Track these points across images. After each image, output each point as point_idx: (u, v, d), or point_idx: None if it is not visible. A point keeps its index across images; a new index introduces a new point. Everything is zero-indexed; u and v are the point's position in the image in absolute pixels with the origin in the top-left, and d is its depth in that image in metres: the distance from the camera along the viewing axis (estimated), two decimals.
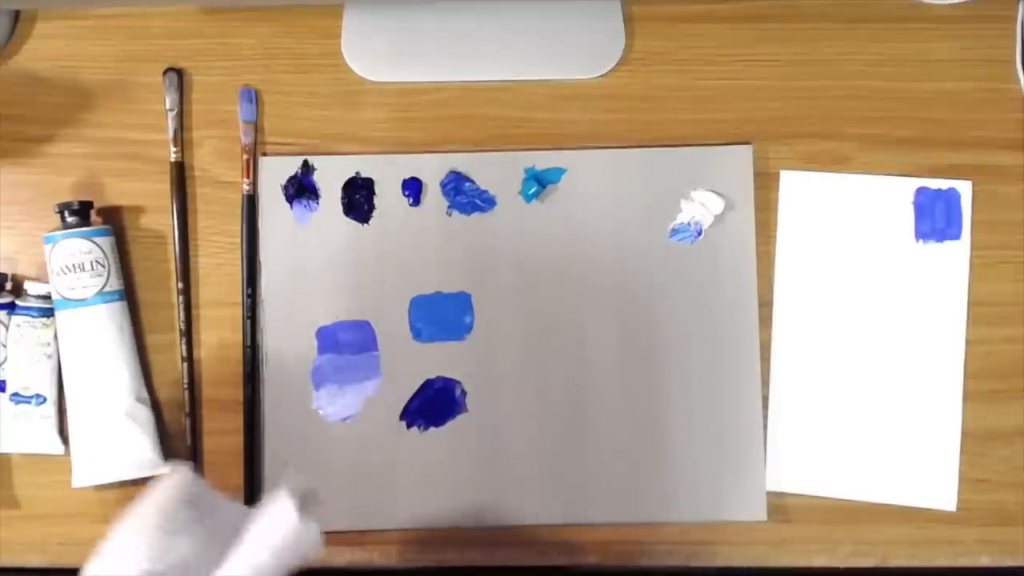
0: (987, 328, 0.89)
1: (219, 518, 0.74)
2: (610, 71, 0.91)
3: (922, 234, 0.89)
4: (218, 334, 0.90)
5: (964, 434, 0.88)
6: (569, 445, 0.88)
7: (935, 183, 0.89)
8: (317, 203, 0.89)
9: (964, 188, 0.89)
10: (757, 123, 0.90)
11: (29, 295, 0.88)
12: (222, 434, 0.89)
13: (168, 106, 0.90)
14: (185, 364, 0.89)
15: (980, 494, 0.88)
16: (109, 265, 0.87)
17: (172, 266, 0.90)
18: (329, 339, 0.88)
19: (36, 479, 0.90)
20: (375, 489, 0.88)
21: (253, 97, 0.90)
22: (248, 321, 0.89)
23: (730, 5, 0.91)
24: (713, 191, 0.88)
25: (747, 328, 0.88)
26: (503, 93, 0.91)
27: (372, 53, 0.91)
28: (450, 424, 0.88)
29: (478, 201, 0.89)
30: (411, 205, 0.89)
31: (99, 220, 0.89)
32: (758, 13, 0.91)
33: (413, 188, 0.89)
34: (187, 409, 0.89)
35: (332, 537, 0.86)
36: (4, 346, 0.87)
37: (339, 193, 0.89)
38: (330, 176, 0.89)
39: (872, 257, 0.89)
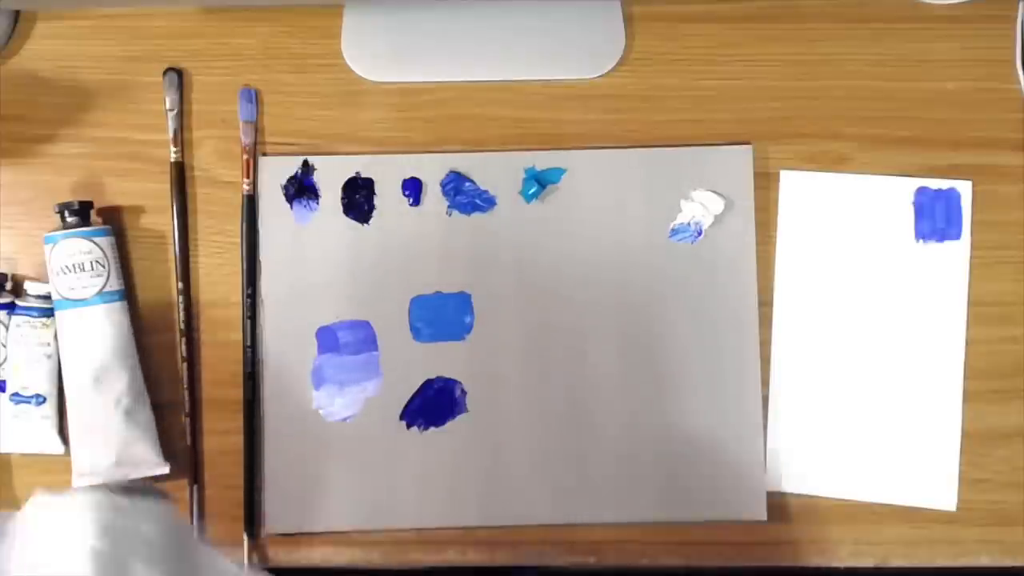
0: (987, 328, 0.89)
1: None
2: (610, 71, 0.91)
3: (922, 234, 0.89)
4: (218, 334, 0.90)
5: (964, 434, 0.88)
6: (569, 445, 0.88)
7: (935, 183, 0.89)
8: (317, 203, 0.89)
9: (964, 188, 0.89)
10: (757, 123, 0.90)
11: (29, 295, 0.88)
12: (222, 434, 0.89)
13: (168, 106, 0.90)
14: (185, 364, 0.89)
15: (980, 494, 0.88)
16: (109, 265, 0.87)
17: (172, 266, 0.90)
18: (329, 339, 0.88)
19: (36, 479, 0.90)
20: (375, 489, 0.88)
21: (253, 97, 0.90)
22: (248, 321, 0.89)
23: (730, 5, 0.91)
24: (713, 191, 0.88)
25: (747, 328, 0.88)
26: (503, 93, 0.91)
27: (372, 53, 0.91)
28: (450, 424, 0.88)
29: (478, 201, 0.89)
30: (411, 205, 0.89)
31: (99, 220, 0.89)
32: (758, 13, 0.91)
33: (413, 188, 0.89)
34: (187, 409, 0.89)
35: (332, 537, 0.86)
36: (4, 346, 0.87)
37: (339, 193, 0.89)
38: (330, 176, 0.89)
39: (872, 257, 0.89)
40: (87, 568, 0.60)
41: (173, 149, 0.90)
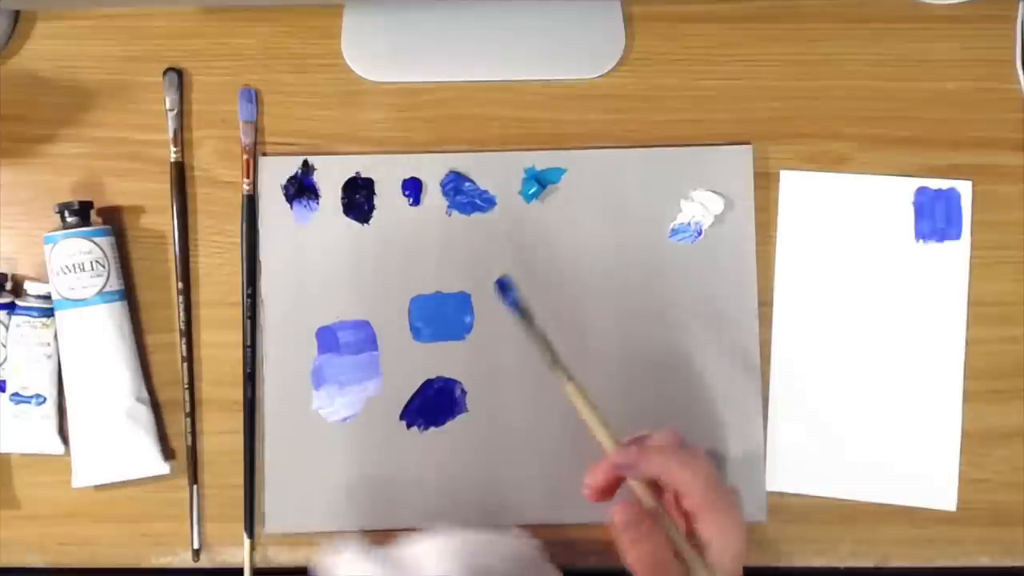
0: (987, 328, 0.89)
1: None
2: (610, 71, 0.91)
3: (922, 234, 0.89)
4: (218, 334, 0.90)
5: (964, 434, 0.88)
6: (569, 445, 0.87)
7: (935, 183, 0.89)
8: (317, 203, 0.89)
9: (964, 188, 0.89)
10: (757, 123, 0.90)
11: (29, 295, 0.88)
12: (222, 434, 0.89)
13: (168, 106, 0.90)
14: (185, 364, 0.89)
15: (980, 494, 0.88)
16: (109, 265, 0.87)
17: (172, 266, 0.90)
18: (329, 339, 0.88)
19: (36, 479, 0.90)
20: (375, 489, 0.88)
21: (253, 97, 0.90)
22: (248, 321, 0.89)
23: (730, 5, 0.91)
24: (713, 191, 0.88)
25: (747, 328, 0.88)
26: (503, 93, 0.91)
27: (372, 53, 0.91)
28: (450, 424, 0.88)
29: (478, 201, 0.89)
30: (411, 205, 0.89)
31: (99, 220, 0.89)
32: (758, 13, 0.91)
33: (413, 188, 0.89)
34: (187, 409, 0.89)
35: (333, 537, 0.86)
36: (4, 346, 0.87)
37: (339, 193, 0.89)
38: (330, 176, 0.89)
39: (872, 257, 0.89)
40: None
41: (173, 149, 0.90)
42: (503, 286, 0.79)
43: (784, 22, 0.91)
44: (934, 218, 0.89)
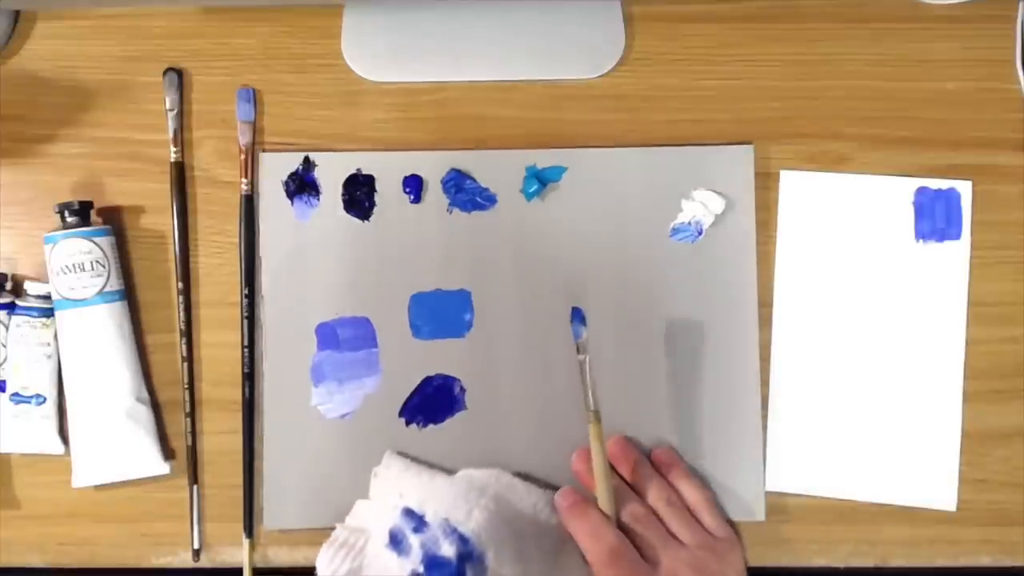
0: (987, 328, 0.89)
1: None
2: (610, 71, 0.91)
3: (922, 234, 0.89)
4: (218, 334, 0.90)
5: (964, 434, 0.88)
6: (568, 444, 0.87)
7: (935, 183, 0.89)
8: (318, 200, 0.89)
9: (964, 188, 0.89)
10: (757, 123, 0.90)
11: (29, 295, 0.88)
12: (222, 434, 0.89)
13: (168, 106, 0.90)
14: (185, 364, 0.89)
15: (980, 494, 0.88)
16: (109, 265, 0.87)
17: (172, 266, 0.90)
18: (329, 336, 0.88)
19: (36, 479, 0.90)
20: None
21: (251, 97, 0.90)
22: (246, 321, 0.89)
23: (730, 5, 0.91)
24: (714, 191, 0.88)
25: (747, 328, 0.88)
26: (503, 93, 0.91)
27: (372, 53, 0.91)
28: (449, 421, 0.88)
29: (479, 199, 0.89)
30: (412, 202, 0.89)
31: (99, 220, 0.89)
32: (758, 13, 0.91)
33: (414, 185, 0.89)
34: (187, 409, 0.89)
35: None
36: (4, 346, 0.87)
37: (340, 190, 0.89)
38: (331, 173, 0.89)
39: (872, 257, 0.89)
40: (481, 516, 0.81)
41: (173, 149, 0.90)
42: (576, 316, 0.83)
43: (784, 22, 0.91)
44: (934, 218, 0.89)
